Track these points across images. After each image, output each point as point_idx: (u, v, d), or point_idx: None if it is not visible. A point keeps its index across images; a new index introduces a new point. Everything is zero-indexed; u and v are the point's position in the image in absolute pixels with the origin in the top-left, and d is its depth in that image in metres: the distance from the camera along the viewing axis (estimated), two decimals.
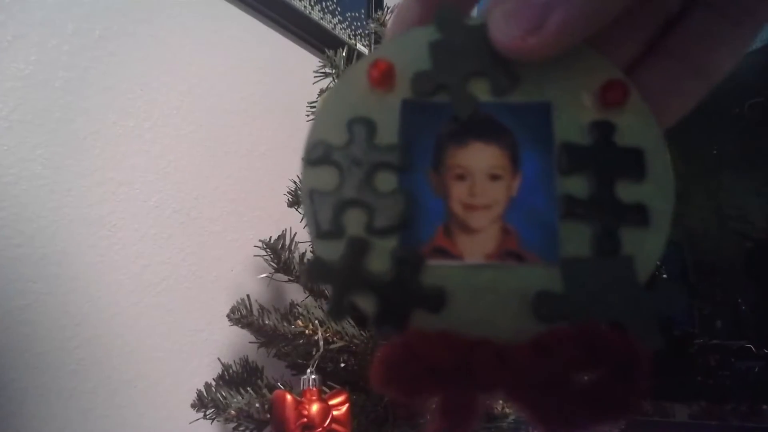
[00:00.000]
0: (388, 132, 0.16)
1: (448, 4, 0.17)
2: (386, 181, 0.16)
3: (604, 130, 0.16)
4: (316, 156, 0.16)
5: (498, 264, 0.16)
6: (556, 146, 0.16)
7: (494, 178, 0.16)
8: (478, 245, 0.16)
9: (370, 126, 0.16)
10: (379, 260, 0.15)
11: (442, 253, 0.16)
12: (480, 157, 0.16)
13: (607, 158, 0.16)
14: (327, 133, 0.16)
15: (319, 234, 0.16)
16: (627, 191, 0.16)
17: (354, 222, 0.16)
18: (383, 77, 0.16)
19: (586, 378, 0.14)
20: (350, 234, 0.16)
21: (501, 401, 0.55)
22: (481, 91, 0.16)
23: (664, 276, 1.13)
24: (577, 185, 0.16)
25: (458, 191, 0.16)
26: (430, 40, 0.17)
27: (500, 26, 0.15)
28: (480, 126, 0.16)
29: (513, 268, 0.16)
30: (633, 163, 0.16)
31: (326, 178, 0.16)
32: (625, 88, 0.16)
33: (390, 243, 0.16)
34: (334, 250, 0.16)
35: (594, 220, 0.16)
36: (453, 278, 0.15)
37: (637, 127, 0.16)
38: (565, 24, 0.14)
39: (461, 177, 0.16)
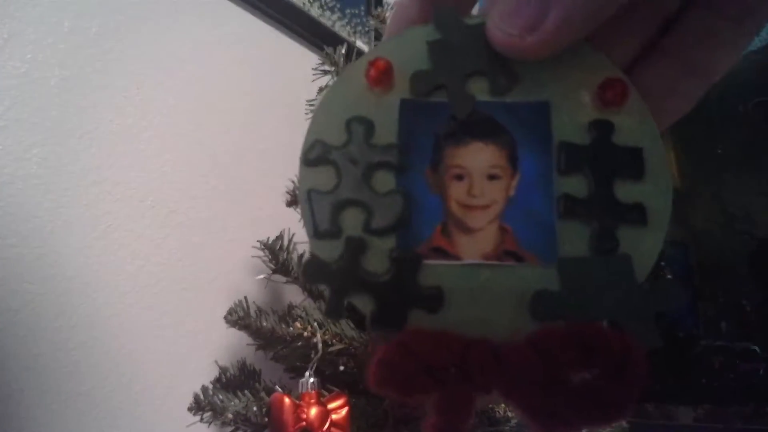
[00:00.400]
0: (387, 132, 0.16)
1: (447, 3, 0.17)
2: (384, 180, 0.16)
3: (602, 129, 0.16)
4: (314, 156, 0.16)
5: (496, 264, 0.16)
6: (554, 146, 0.16)
7: (492, 177, 0.16)
8: (475, 245, 0.16)
9: (368, 125, 0.16)
10: (377, 260, 0.15)
11: (440, 252, 0.16)
12: (478, 157, 0.16)
13: (605, 158, 0.16)
14: (325, 132, 0.16)
15: (316, 233, 0.16)
16: (625, 191, 0.16)
17: (352, 222, 0.16)
18: (381, 77, 0.16)
19: (582, 377, 0.14)
20: (348, 234, 0.16)
21: (500, 402, 0.55)
22: (479, 90, 0.16)
23: (669, 276, 1.12)
24: (576, 185, 0.16)
25: (456, 191, 0.16)
26: (429, 39, 0.16)
27: (498, 25, 0.15)
28: (478, 125, 0.16)
29: (510, 268, 0.16)
30: (631, 163, 0.16)
31: (324, 177, 0.16)
32: (624, 87, 0.16)
33: (388, 243, 0.16)
34: (331, 250, 0.15)
35: (592, 220, 0.16)
36: (451, 278, 0.15)
37: (635, 126, 0.16)
38: (562, 22, 0.14)
39: (459, 177, 0.16)
